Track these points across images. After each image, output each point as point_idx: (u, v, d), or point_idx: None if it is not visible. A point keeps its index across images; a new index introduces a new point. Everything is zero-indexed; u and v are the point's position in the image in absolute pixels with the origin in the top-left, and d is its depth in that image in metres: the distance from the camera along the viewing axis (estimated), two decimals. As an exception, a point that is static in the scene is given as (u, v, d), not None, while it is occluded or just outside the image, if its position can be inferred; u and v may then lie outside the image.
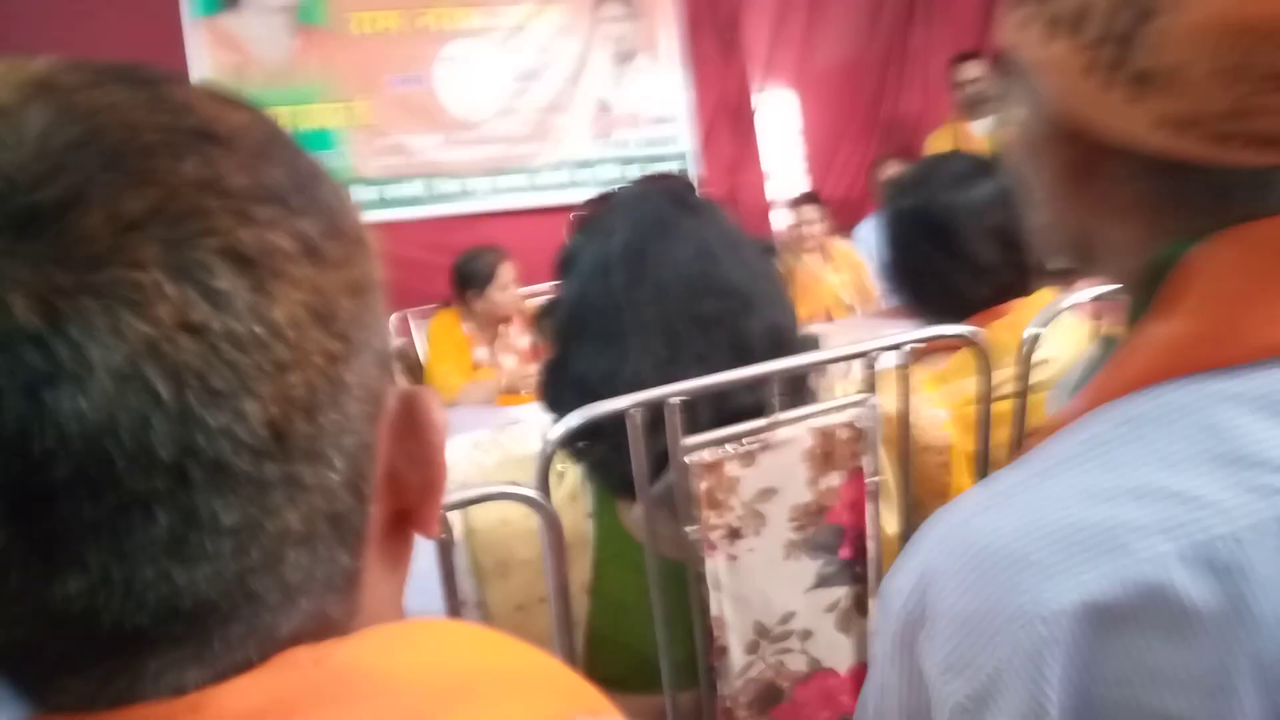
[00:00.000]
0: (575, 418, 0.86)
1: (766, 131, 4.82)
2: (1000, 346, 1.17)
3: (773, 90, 4.84)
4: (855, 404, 0.95)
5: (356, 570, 0.33)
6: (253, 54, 3.85)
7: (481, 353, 3.32)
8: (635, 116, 4.46)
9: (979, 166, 1.26)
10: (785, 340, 0.97)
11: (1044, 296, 1.22)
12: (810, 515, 0.95)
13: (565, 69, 4.31)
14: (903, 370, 0.98)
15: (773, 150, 4.85)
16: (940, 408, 1.14)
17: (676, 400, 0.87)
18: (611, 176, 4.40)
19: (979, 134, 4.17)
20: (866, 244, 4.22)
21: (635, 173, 4.41)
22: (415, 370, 3.47)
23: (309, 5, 3.91)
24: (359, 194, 3.96)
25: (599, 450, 0.93)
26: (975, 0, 4.98)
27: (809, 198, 4.10)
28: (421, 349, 3.72)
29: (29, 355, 0.25)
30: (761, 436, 0.91)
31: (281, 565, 0.29)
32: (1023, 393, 1.10)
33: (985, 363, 1.04)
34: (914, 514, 1.08)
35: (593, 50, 4.36)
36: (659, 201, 1.00)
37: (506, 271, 3.30)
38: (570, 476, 0.99)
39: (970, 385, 1.14)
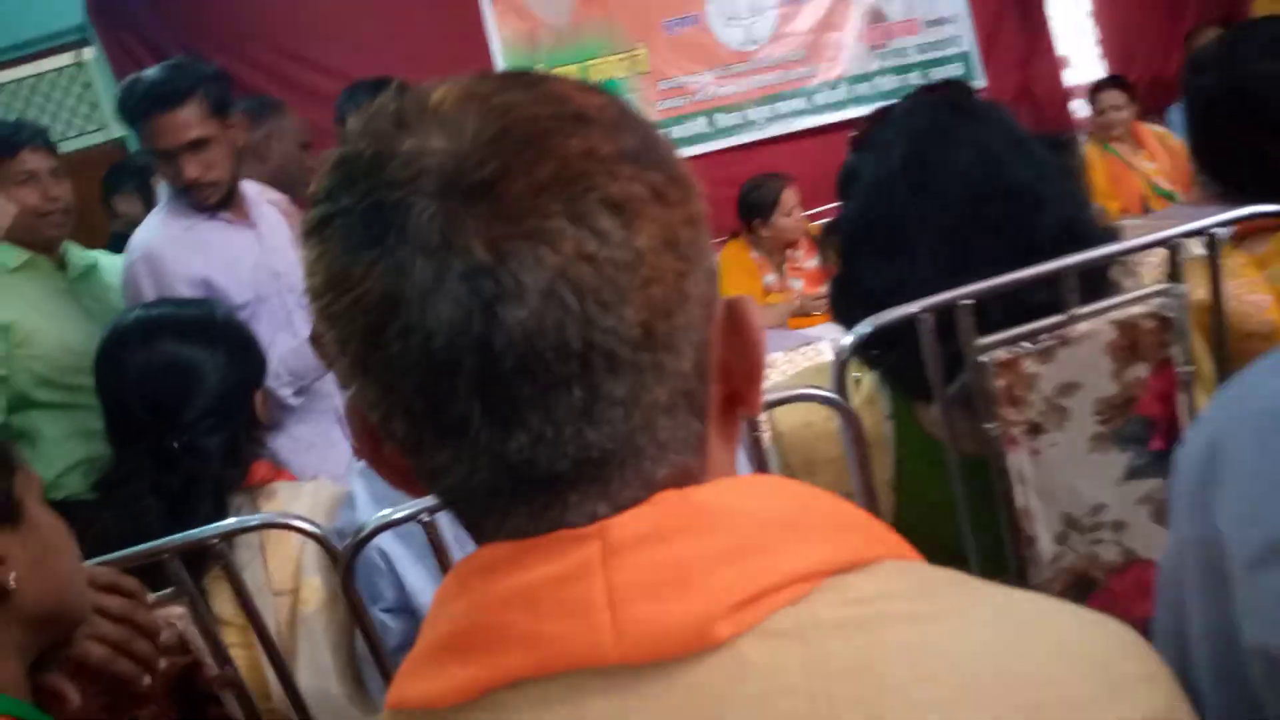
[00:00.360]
0: (866, 325, 0.92)
1: (1058, 16, 4.44)
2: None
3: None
4: (1159, 293, 0.93)
5: (705, 435, 0.43)
6: (540, 19, 4.12)
7: (771, 278, 3.41)
8: (911, 22, 4.29)
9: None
10: (1082, 235, 0.96)
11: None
12: (1116, 408, 0.95)
13: (833, -16, 4.22)
14: (1211, 257, 0.94)
15: (1067, 36, 4.46)
16: (1263, 293, 1.07)
17: (967, 302, 0.90)
18: (890, 87, 4.28)
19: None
20: (1183, 126, 3.81)
21: (915, 81, 4.26)
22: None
23: (582, -37, 4.11)
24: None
25: (891, 357, 0.98)
26: None
27: (1113, 81, 3.76)
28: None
29: (485, 283, 0.36)
30: (1058, 332, 0.92)
31: (655, 427, 0.40)
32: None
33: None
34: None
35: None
36: (935, 110, 1.02)
37: (790, 196, 3.35)
38: (866, 382, 1.05)
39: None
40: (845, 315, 1.06)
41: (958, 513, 0.97)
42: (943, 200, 0.95)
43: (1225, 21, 3.95)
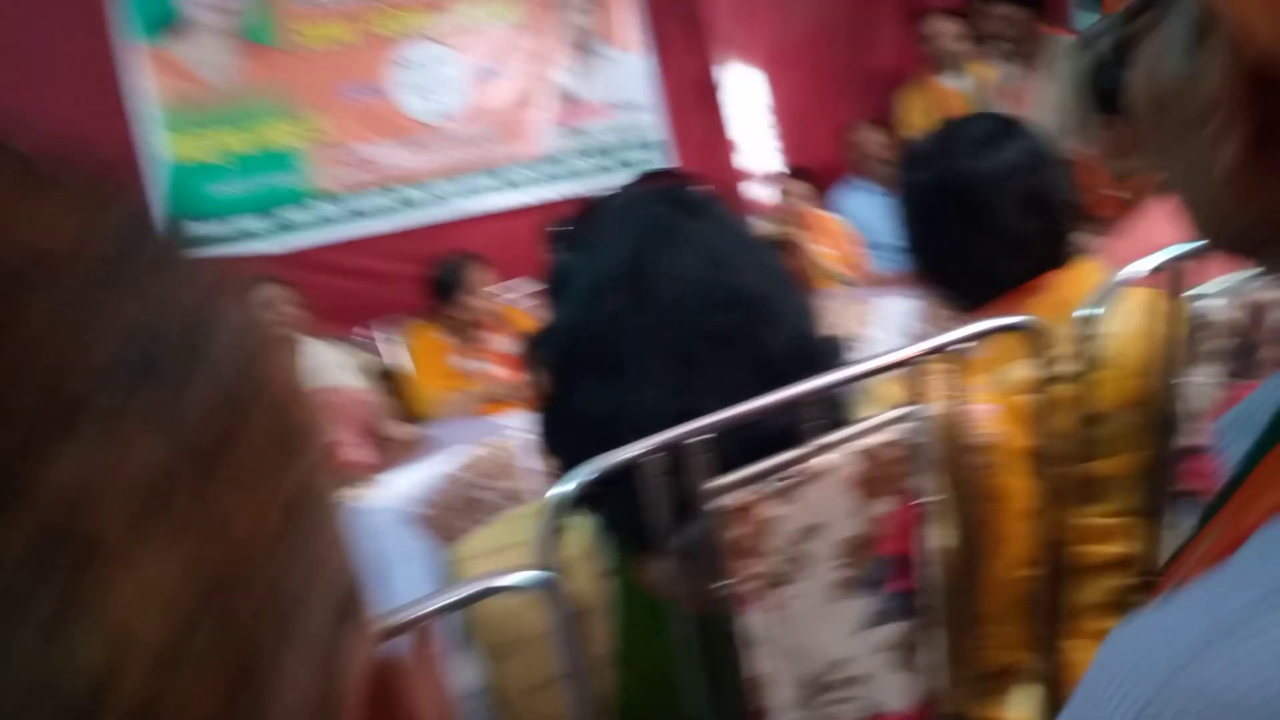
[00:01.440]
0: (580, 475, 0.74)
1: (735, 107, 4.68)
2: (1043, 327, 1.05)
3: (738, 65, 4.70)
4: (902, 417, 0.82)
5: None
6: (202, 79, 3.69)
7: (460, 362, 3.22)
8: (602, 106, 4.32)
9: (1002, 127, 1.14)
10: (811, 348, 0.84)
11: (1085, 269, 1.10)
12: (858, 549, 0.83)
13: (526, 63, 4.17)
14: (954, 374, 0.86)
15: (744, 126, 4.72)
16: (987, 400, 1.02)
17: (698, 439, 0.74)
18: (584, 169, 4.26)
19: (953, 89, 4.05)
20: (850, 211, 4.11)
21: (608, 164, 4.29)
22: (394, 385, 3.35)
23: (254, 24, 3.75)
24: (324, 211, 3.82)
25: (611, 499, 0.81)
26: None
27: (791, 172, 3.98)
28: (398, 363, 3.61)
29: None
30: (799, 468, 0.78)
31: None
32: (1083, 381, 0.98)
33: (1043, 346, 0.92)
34: (968, 524, 0.97)
35: (553, 42, 4.21)
36: (655, 205, 0.88)
37: (479, 276, 3.23)
38: (581, 529, 0.87)
39: (1018, 371, 1.02)
40: (554, 443, 0.88)
41: (686, 684, 0.81)
42: (667, 310, 0.80)
43: (875, 117, 4.35)
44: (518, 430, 2.48)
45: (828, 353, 0.87)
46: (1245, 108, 0.36)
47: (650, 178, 0.97)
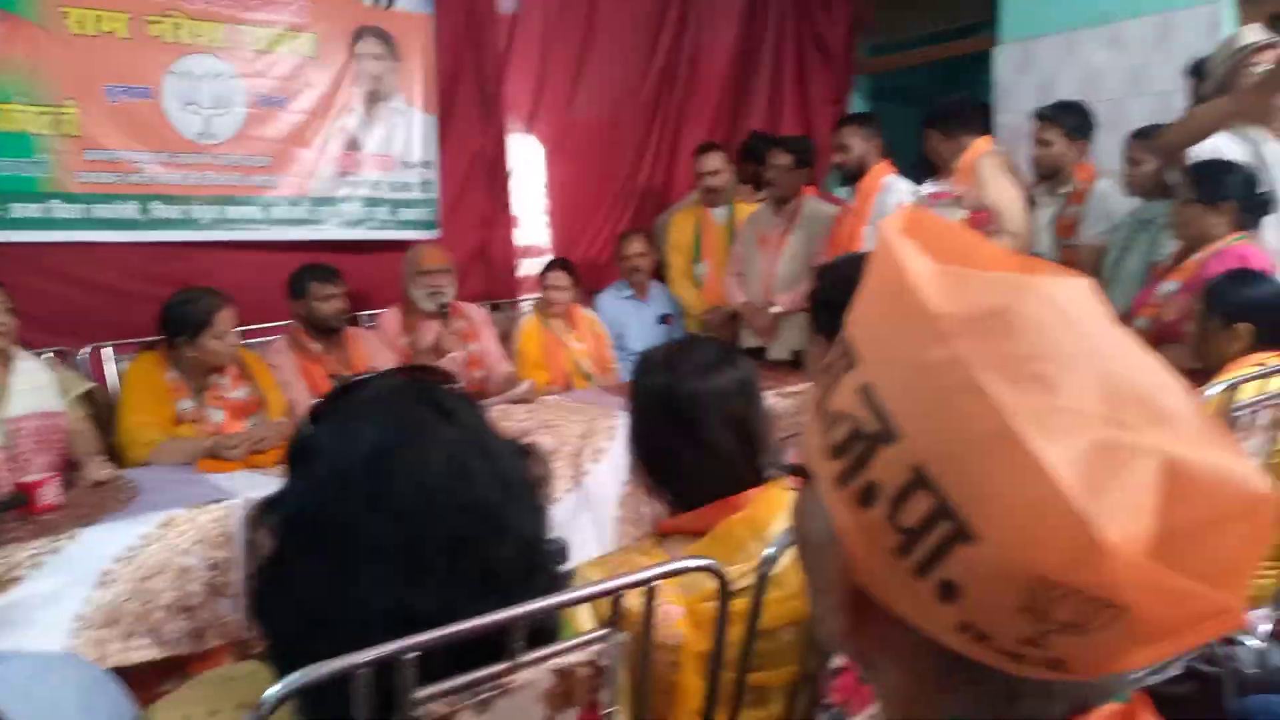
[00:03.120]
0: (291, 680, 0.78)
1: (519, 188, 4.79)
2: (735, 541, 1.20)
3: (528, 146, 4.82)
4: (598, 639, 0.93)
5: None
6: (-66, 37, 3.31)
7: (187, 404, 2.99)
8: (386, 158, 4.28)
9: (724, 355, 1.31)
10: (535, 558, 0.93)
11: (780, 495, 1.27)
12: (542, 752, 0.92)
13: (312, 100, 4.06)
14: (648, 604, 0.97)
15: (524, 206, 4.83)
16: (675, 603, 1.14)
17: (412, 655, 0.80)
18: (355, 215, 4.20)
19: (718, 221, 4.39)
20: (607, 313, 4.31)
21: (382, 215, 4.25)
22: (105, 417, 3.09)
23: (14, -11, 3.42)
24: (60, 210, 3.52)
25: (319, 691, 0.85)
26: (724, 89, 5.26)
27: (560, 264, 4.12)
28: (114, 391, 3.34)
29: None
30: (500, 681, 0.86)
31: None
32: (755, 604, 1.13)
33: (723, 588, 1.06)
34: (640, 713, 1.08)
35: (344, 84, 4.14)
36: (411, 400, 0.94)
37: (225, 318, 3.01)
38: (281, 711, 0.89)
39: (706, 580, 1.16)
40: (267, 612, 0.90)
41: None
42: (402, 512, 0.85)
43: (647, 230, 4.60)
44: (240, 494, 2.38)
45: (552, 558, 0.96)
46: (847, 602, 0.49)
47: (409, 370, 1.02)
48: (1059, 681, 0.46)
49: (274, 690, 0.78)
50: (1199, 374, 2.24)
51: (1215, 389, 1.92)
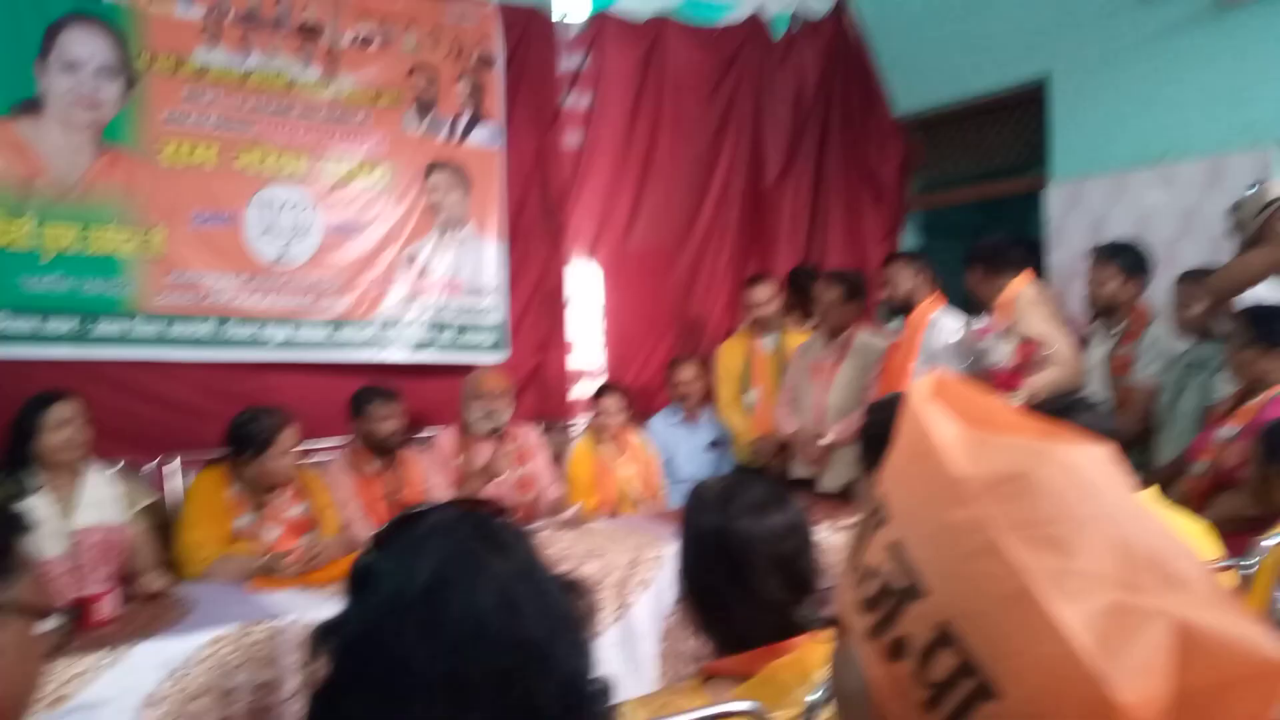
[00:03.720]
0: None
1: (577, 313, 4.93)
2: (781, 686, 1.20)
3: (586, 272, 4.99)
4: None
5: None
6: (46, 166, 3.58)
7: (243, 520, 3.07)
8: (454, 282, 4.46)
9: (775, 496, 1.33)
10: (578, 697, 0.94)
11: (826, 640, 1.27)
12: None
13: (384, 228, 4.28)
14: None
15: (579, 331, 4.96)
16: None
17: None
18: (420, 339, 4.34)
19: (766, 350, 4.45)
20: (657, 437, 4.35)
21: (447, 339, 4.39)
22: (165, 530, 3.15)
23: (118, 124, 3.71)
24: (140, 329, 3.70)
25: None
26: (782, 220, 5.41)
27: (612, 388, 4.19)
28: (175, 504, 3.43)
29: None
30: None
31: None
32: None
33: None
34: None
35: (416, 213, 4.35)
36: (464, 533, 0.97)
37: (289, 437, 3.11)
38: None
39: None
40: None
41: None
42: (454, 645, 0.88)
43: (697, 356, 4.67)
44: (289, 613, 2.41)
45: (595, 698, 0.97)
46: None
47: (468, 503, 1.06)
48: None
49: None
50: (1259, 521, 2.20)
51: (1276, 538, 1.89)
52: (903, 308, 3.86)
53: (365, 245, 4.24)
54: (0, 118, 3.51)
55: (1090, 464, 0.50)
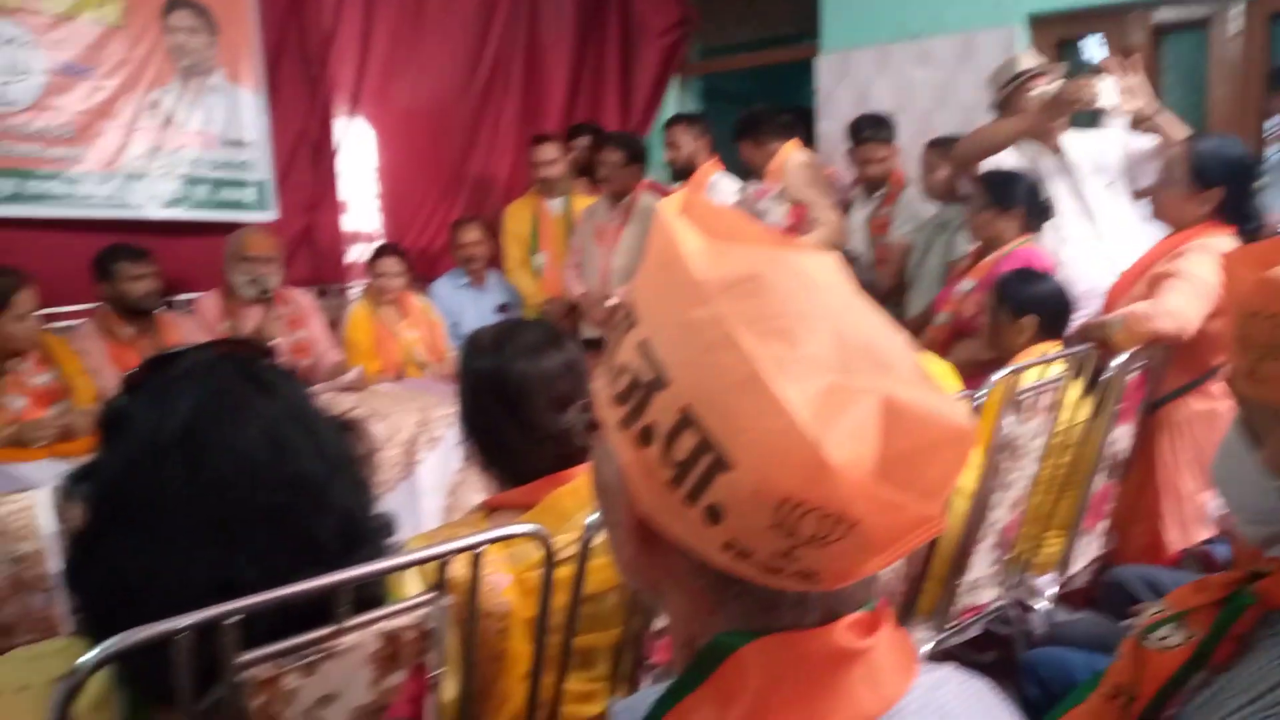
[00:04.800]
0: (109, 645, 0.77)
1: (348, 170, 4.67)
2: (563, 512, 1.25)
3: (357, 128, 4.71)
4: (424, 603, 0.95)
5: None
6: None
7: (-15, 392, 2.80)
8: (205, 135, 4.09)
9: (550, 338, 1.35)
10: (358, 531, 0.94)
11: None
12: (370, 714, 0.93)
13: (121, 72, 3.82)
14: (475, 571, 1.00)
15: (353, 190, 4.71)
16: (504, 572, 1.18)
17: (234, 620, 0.81)
18: (172, 195, 3.98)
19: (554, 213, 4.43)
20: (442, 301, 4.27)
21: (202, 194, 4.05)
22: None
23: None
24: None
25: (135, 659, 0.83)
26: (562, 78, 5.30)
27: (391, 249, 4.05)
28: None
29: None
30: (325, 645, 0.87)
31: None
32: (580, 570, 1.18)
33: (548, 552, 1.11)
34: (470, 678, 1.11)
35: (156, 58, 3.92)
36: (228, 374, 0.93)
37: (26, 299, 2.83)
38: (96, 680, 0.87)
39: (533, 550, 1.20)
40: (81, 584, 0.88)
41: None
42: (220, 484, 0.85)
43: (482, 218, 4.58)
44: (43, 484, 2.24)
45: (378, 532, 0.97)
46: (634, 531, 0.56)
47: (228, 343, 1.01)
48: (811, 593, 0.54)
49: (90, 655, 0.77)
50: (993, 363, 2.46)
51: (1001, 375, 2.12)
52: (684, 171, 3.93)
53: (99, 90, 3.77)
54: None
55: (817, 268, 0.56)
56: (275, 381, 0.94)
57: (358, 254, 4.65)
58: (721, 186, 3.86)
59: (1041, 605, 2.40)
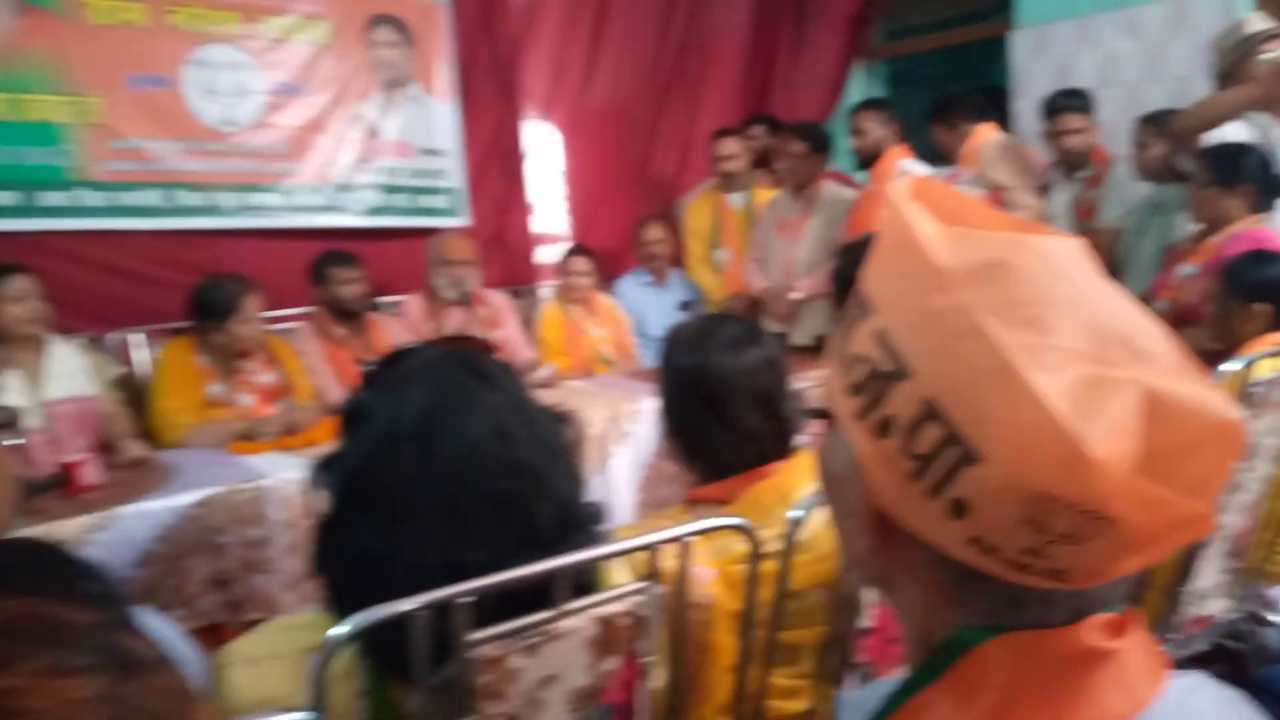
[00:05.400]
0: (357, 620, 0.83)
1: (535, 173, 4.83)
2: (764, 507, 1.24)
3: (544, 132, 4.86)
4: (637, 591, 0.97)
5: None
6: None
7: (217, 389, 3.06)
8: (405, 145, 4.33)
9: (750, 333, 1.35)
10: (573, 518, 0.97)
11: (804, 463, 1.30)
12: (586, 697, 0.96)
13: (330, 88, 4.12)
14: (683, 561, 1.01)
15: (540, 193, 4.87)
16: (708, 566, 1.19)
17: (466, 600, 0.85)
18: (375, 203, 4.25)
19: (735, 207, 4.41)
20: (627, 299, 4.35)
21: (401, 203, 4.30)
22: (135, 401, 3.14)
23: (37, -19, 3.48)
24: (87, 198, 3.57)
25: (376, 635, 0.89)
26: (737, 70, 5.28)
27: (580, 249, 4.16)
28: (145, 375, 3.40)
29: None
30: (546, 628, 0.91)
31: None
32: (785, 566, 1.17)
33: (754, 545, 1.10)
34: (678, 670, 1.13)
35: (361, 73, 4.19)
36: (455, 369, 0.98)
37: (251, 304, 3.07)
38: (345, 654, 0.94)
39: (736, 543, 1.20)
40: (326, 564, 0.95)
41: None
42: (451, 471, 0.90)
43: (664, 216, 4.64)
44: (271, 474, 2.43)
45: (590, 519, 1.00)
46: (871, 523, 0.54)
47: (453, 340, 1.07)
48: (1058, 590, 0.51)
49: (340, 629, 0.83)
50: (1218, 354, 2.27)
51: (1232, 366, 1.95)
52: (871, 158, 3.83)
53: (311, 106, 4.08)
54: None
55: (1064, 252, 0.53)
56: (496, 375, 0.99)
57: (546, 255, 4.81)
58: (911, 172, 3.73)
59: (1277, 619, 2.19)
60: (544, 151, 4.86)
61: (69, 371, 2.80)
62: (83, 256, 3.58)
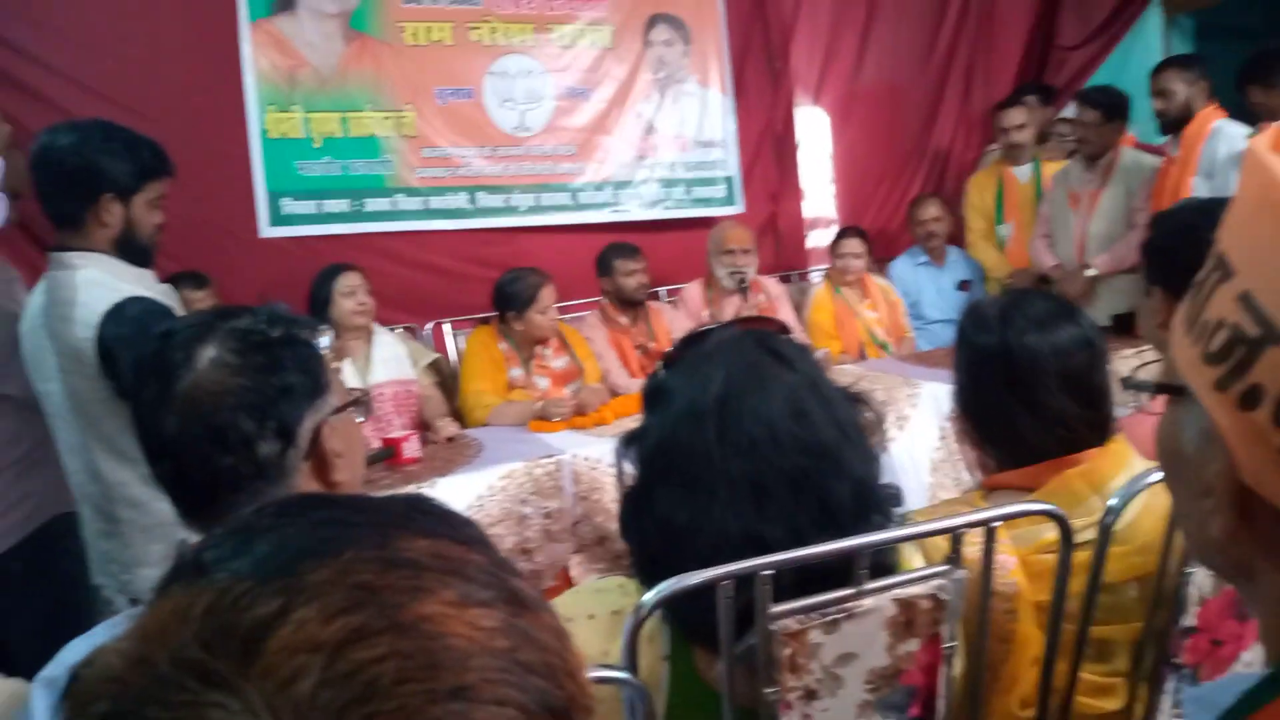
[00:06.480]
0: (665, 587, 0.88)
1: (808, 159, 4.80)
2: (1075, 496, 1.17)
3: (814, 117, 4.81)
4: (939, 574, 0.96)
5: None
6: (305, 58, 3.85)
7: (517, 373, 3.34)
8: (680, 139, 4.46)
9: (1060, 310, 1.26)
10: (870, 498, 0.97)
11: (1120, 450, 1.22)
12: (885, 678, 0.96)
13: (611, 89, 4.31)
14: (987, 545, 0.99)
15: (811, 177, 4.83)
16: (1010, 554, 1.14)
17: (767, 573, 0.88)
18: (654, 197, 4.40)
19: (1022, 180, 4.15)
20: (901, 281, 4.22)
21: (679, 195, 4.43)
22: (449, 384, 3.49)
23: (361, 13, 3.92)
24: (404, 203, 3.99)
25: (681, 602, 0.94)
26: (1018, 43, 4.95)
27: (854, 231, 4.09)
28: (456, 360, 3.75)
29: None
30: (846, 606, 0.92)
31: None
32: (1099, 556, 1.10)
33: (1067, 535, 1.05)
34: (978, 658, 1.10)
35: (640, 72, 4.35)
36: (751, 349, 1.01)
37: (548, 295, 3.31)
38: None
39: (1041, 532, 1.14)
40: (634, 531, 1.02)
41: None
42: (750, 447, 0.93)
43: (940, 194, 4.45)
44: (565, 451, 2.62)
45: (886, 501, 1.00)
46: (1231, 503, 0.50)
47: (747, 321, 1.10)
48: None
49: (651, 595, 0.89)
50: None
51: None
52: (1178, 121, 3.47)
53: (596, 107, 4.29)
54: (262, 18, 3.79)
55: None
56: (792, 355, 1.01)
57: (817, 239, 4.77)
58: (1228, 132, 3.33)
59: None
60: (814, 135, 4.82)
61: (391, 358, 3.15)
62: (400, 256, 3.99)
